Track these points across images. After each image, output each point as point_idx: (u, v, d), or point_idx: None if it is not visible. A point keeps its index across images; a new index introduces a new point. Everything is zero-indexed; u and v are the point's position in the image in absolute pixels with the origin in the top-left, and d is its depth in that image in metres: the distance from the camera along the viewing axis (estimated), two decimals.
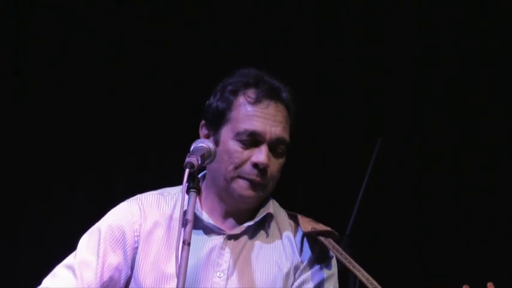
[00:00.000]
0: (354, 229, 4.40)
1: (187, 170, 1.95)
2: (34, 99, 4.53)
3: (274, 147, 2.16)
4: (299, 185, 4.58)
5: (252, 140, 2.13)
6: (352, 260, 2.04)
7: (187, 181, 1.94)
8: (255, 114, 2.13)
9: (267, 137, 2.13)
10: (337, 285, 2.16)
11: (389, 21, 4.67)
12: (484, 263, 4.49)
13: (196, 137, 2.29)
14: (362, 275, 2.01)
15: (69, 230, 3.11)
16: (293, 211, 2.61)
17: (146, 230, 2.12)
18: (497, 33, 4.60)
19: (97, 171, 4.55)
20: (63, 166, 4.52)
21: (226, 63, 4.38)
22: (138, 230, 2.12)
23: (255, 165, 2.12)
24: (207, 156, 2.04)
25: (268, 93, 2.16)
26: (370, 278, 1.99)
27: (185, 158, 2.03)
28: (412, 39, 4.67)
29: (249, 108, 2.13)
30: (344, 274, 2.15)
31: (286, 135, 2.19)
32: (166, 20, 4.63)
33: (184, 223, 1.88)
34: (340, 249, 2.06)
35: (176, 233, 2.07)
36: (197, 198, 2.05)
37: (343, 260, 2.05)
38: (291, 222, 2.23)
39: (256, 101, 2.14)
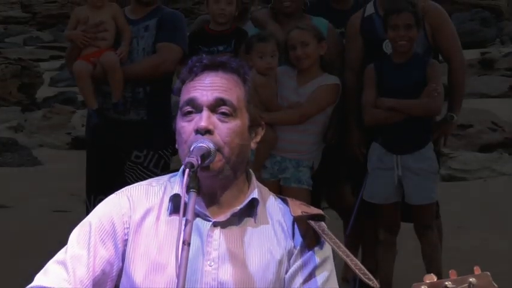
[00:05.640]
0: (354, 229, 4.39)
1: (187, 170, 1.92)
2: None
3: (215, 109, 2.05)
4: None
5: (192, 110, 2.04)
6: (342, 245, 2.00)
7: (187, 181, 1.91)
8: (193, 86, 2.06)
9: (205, 99, 2.05)
10: (334, 269, 2.09)
11: None
12: (484, 262, 4.49)
13: None
14: (351, 260, 1.96)
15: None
16: None
17: (136, 221, 2.08)
18: None
19: None
20: None
21: None
22: (127, 222, 2.08)
23: (196, 131, 2.03)
24: (207, 156, 2.00)
25: (206, 67, 2.08)
26: (359, 264, 1.95)
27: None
28: None
29: (189, 84, 2.07)
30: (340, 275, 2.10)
31: (227, 96, 2.07)
32: None
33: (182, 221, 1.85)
34: (330, 234, 2.02)
35: (165, 223, 2.07)
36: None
37: (332, 245, 2.00)
38: (281, 206, 2.14)
39: (195, 77, 2.07)
